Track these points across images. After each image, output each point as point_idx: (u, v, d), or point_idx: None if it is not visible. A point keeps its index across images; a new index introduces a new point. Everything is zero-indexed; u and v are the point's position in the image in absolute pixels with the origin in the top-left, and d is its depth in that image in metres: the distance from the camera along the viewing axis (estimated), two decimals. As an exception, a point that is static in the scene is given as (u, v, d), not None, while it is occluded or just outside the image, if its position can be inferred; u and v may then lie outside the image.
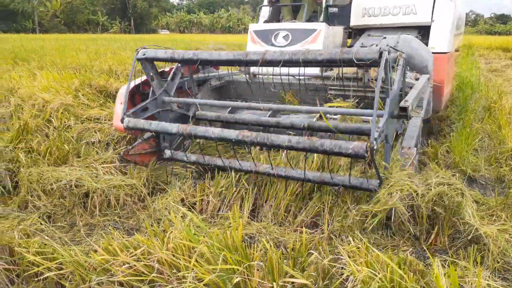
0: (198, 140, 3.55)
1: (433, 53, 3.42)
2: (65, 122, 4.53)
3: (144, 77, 3.36)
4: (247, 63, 2.72)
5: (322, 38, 3.79)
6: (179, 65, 3.46)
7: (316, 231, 2.57)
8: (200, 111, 3.66)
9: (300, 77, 3.41)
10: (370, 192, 2.50)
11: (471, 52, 16.51)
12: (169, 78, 3.40)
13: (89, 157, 3.57)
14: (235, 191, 2.90)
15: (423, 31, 4.06)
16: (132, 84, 3.24)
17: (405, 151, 2.39)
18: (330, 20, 4.70)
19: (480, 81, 7.82)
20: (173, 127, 2.82)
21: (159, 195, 3.16)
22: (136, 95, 3.38)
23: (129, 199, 3.10)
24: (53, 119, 4.54)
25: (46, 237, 2.48)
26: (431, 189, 2.41)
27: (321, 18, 4.71)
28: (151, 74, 3.22)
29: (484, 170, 3.50)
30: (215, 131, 2.64)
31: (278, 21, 4.80)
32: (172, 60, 3.02)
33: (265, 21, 4.85)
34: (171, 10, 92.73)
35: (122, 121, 3.00)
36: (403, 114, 2.38)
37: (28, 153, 3.72)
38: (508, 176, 3.34)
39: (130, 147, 3.25)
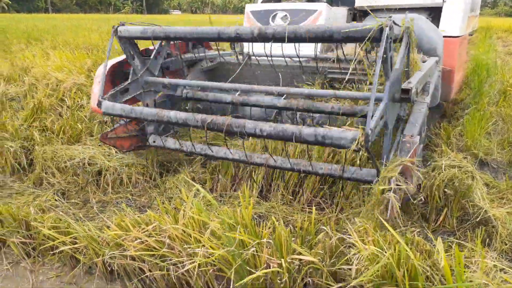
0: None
1: (444, 36, 3.21)
2: (78, 101, 4.58)
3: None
4: (222, 39, 2.45)
5: (324, 19, 3.61)
6: (165, 43, 3.22)
7: (325, 212, 2.59)
8: (188, 91, 3.44)
9: (297, 59, 3.23)
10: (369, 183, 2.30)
11: (489, 35, 16.08)
12: (152, 56, 3.14)
13: (102, 136, 3.62)
14: (245, 172, 2.92)
15: (434, 13, 3.86)
16: (111, 63, 3.01)
17: (407, 139, 2.09)
18: (334, 0, 4.51)
19: (497, 64, 7.65)
20: (150, 112, 2.55)
21: (170, 174, 3.21)
22: (117, 76, 3.10)
23: (141, 177, 3.16)
24: (66, 99, 4.59)
25: (60, 213, 2.55)
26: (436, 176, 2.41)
27: None
28: (131, 52, 2.97)
29: (496, 153, 3.46)
30: (183, 116, 2.41)
31: (279, 1, 4.41)
32: (150, 38, 2.73)
33: (263, 1, 4.60)
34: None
35: (99, 105, 2.72)
36: (405, 97, 2.10)
37: (42, 131, 3.79)
38: (521, 160, 3.30)
39: (110, 129, 3.04)
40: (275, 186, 2.82)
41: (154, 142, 3.17)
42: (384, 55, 1.94)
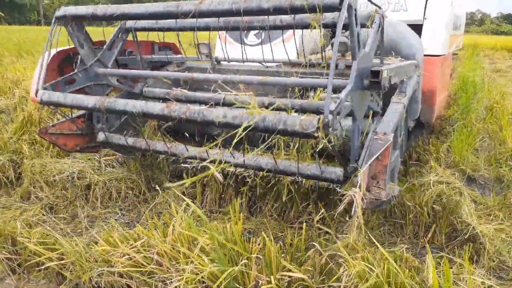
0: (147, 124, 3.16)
1: (424, 55, 3.01)
2: (69, 114, 4.54)
3: None
4: (177, 15, 2.15)
5: (299, 36, 3.44)
6: (121, 32, 2.96)
7: (314, 227, 2.59)
8: (148, 88, 3.15)
9: (268, 64, 3.06)
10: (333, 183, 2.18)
11: (476, 52, 16.44)
12: (105, 47, 2.87)
13: (92, 149, 3.60)
14: (233, 187, 2.92)
15: (414, 31, 3.88)
16: (61, 51, 2.76)
17: (379, 137, 1.87)
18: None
19: (484, 81, 7.81)
20: (90, 101, 2.28)
21: (159, 189, 3.19)
22: (66, 65, 2.84)
23: (130, 192, 3.14)
24: (57, 111, 4.55)
25: (48, 228, 2.52)
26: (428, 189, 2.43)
27: None
28: (79, 39, 2.65)
29: (483, 170, 3.51)
30: (137, 104, 2.13)
31: None
32: (95, 17, 2.40)
33: None
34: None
35: (36, 93, 2.43)
36: (374, 80, 1.83)
37: (31, 144, 3.76)
38: (507, 176, 3.35)
39: (51, 124, 2.76)
40: (265, 201, 2.82)
41: (103, 139, 2.89)
42: (347, 31, 1.70)
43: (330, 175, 2.16)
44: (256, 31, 3.55)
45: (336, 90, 2.15)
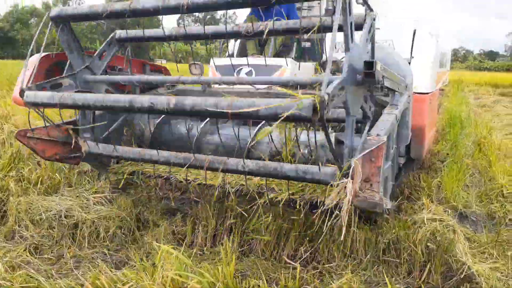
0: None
1: (413, 93, 3.00)
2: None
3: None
4: (167, 10, 2.11)
5: (289, 75, 3.48)
6: (112, 42, 2.93)
7: (308, 267, 2.54)
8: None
9: (258, 86, 3.04)
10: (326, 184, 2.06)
11: (461, 88, 16.88)
12: (95, 55, 2.83)
13: (81, 186, 3.54)
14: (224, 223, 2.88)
15: None
16: (50, 55, 2.71)
17: (373, 139, 1.82)
18: (302, 56, 4.41)
19: (470, 116, 7.98)
20: (79, 98, 2.09)
21: (149, 228, 3.12)
22: (54, 70, 2.78)
23: (119, 231, 3.06)
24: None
25: (32, 270, 2.43)
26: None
27: (293, 53, 4.39)
28: (69, 42, 2.61)
29: (475, 206, 3.51)
30: (126, 98, 1.97)
31: (246, 56, 4.15)
32: (87, 17, 2.36)
33: (229, 55, 4.52)
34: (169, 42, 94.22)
35: (21, 94, 2.29)
36: (368, 72, 1.76)
37: (18, 181, 3.68)
38: (499, 213, 3.35)
39: (32, 128, 2.67)
40: (257, 240, 2.76)
41: (89, 148, 2.78)
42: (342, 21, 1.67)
43: (322, 176, 2.05)
44: (248, 70, 3.58)
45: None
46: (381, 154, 1.75)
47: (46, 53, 2.69)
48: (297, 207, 2.33)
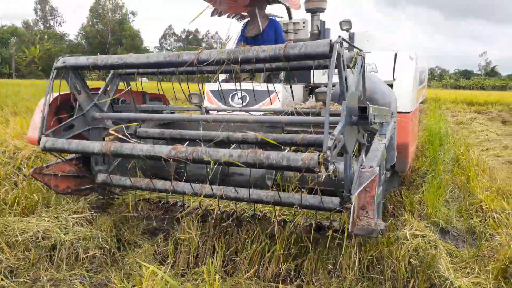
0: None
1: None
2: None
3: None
4: (179, 64, 2.34)
5: (281, 99, 3.74)
6: (114, 77, 3.17)
7: (291, 285, 2.51)
8: (141, 128, 3.33)
9: (256, 114, 3.25)
10: (331, 211, 2.39)
11: (438, 106, 17.33)
12: (100, 91, 3.03)
13: (59, 207, 3.44)
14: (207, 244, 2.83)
15: None
16: (56, 95, 2.86)
17: (367, 171, 2.05)
18: (291, 77, 4.55)
19: (448, 133, 8.17)
20: (95, 146, 2.41)
21: (130, 248, 3.05)
22: (62, 108, 2.96)
23: (99, 252, 2.98)
24: (23, 167, 4.41)
25: (6, 295, 2.33)
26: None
27: (282, 76, 4.56)
28: (77, 86, 2.80)
29: (455, 221, 3.56)
30: (144, 148, 2.27)
31: (238, 79, 4.27)
32: (95, 66, 2.57)
33: (222, 81, 4.65)
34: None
35: (38, 141, 2.60)
36: (363, 115, 2.02)
37: (-7, 202, 3.56)
38: (479, 228, 3.40)
39: (46, 165, 2.83)
40: (240, 259, 2.73)
41: (103, 180, 3.01)
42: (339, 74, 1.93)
43: (329, 204, 2.37)
44: (242, 95, 3.78)
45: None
46: (375, 185, 1.96)
47: (54, 95, 2.85)
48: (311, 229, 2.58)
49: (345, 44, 1.97)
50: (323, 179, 1.93)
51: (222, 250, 2.77)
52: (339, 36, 1.94)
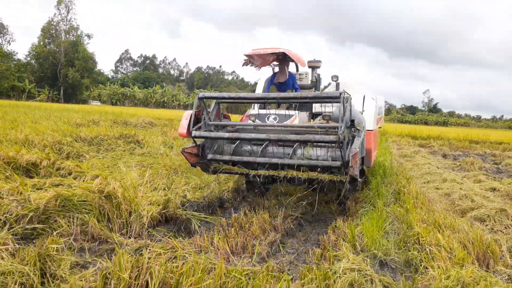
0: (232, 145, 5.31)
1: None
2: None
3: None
4: (266, 99, 4.58)
5: (297, 119, 5.76)
6: (215, 103, 5.17)
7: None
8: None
9: (286, 125, 5.18)
10: (338, 170, 4.28)
11: (385, 138, 18.12)
12: (210, 110, 5.08)
13: (-22, 238, 3.14)
14: (139, 279, 2.67)
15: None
16: (192, 111, 4.90)
17: (353, 150, 4.11)
18: (299, 108, 6.64)
19: (392, 166, 8.49)
20: (224, 135, 4.61)
21: (54, 283, 2.81)
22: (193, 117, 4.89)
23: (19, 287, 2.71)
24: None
25: None
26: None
27: (294, 106, 6.68)
28: (203, 108, 4.91)
29: (394, 253, 3.62)
30: (252, 135, 4.49)
31: (267, 106, 6.52)
32: (220, 99, 4.98)
33: (260, 108, 6.62)
34: (105, 83, 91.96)
35: (190, 133, 4.72)
36: (352, 123, 4.19)
37: None
38: (415, 260, 3.48)
39: (186, 147, 4.89)
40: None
41: (210, 157, 4.96)
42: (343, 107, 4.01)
43: (336, 163, 4.22)
44: (274, 116, 5.76)
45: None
46: (357, 156, 4.07)
47: (193, 111, 4.87)
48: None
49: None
50: (337, 146, 4.08)
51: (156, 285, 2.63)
52: (343, 91, 4.15)
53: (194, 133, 4.67)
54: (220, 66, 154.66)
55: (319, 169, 4.37)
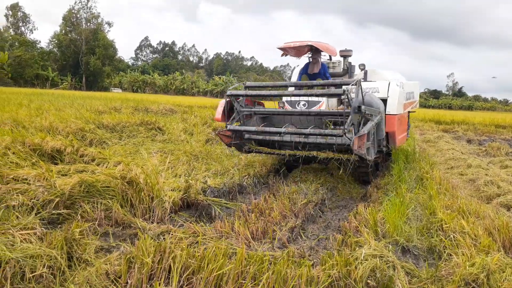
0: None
1: (387, 114, 5.93)
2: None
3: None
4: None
5: (324, 106, 6.49)
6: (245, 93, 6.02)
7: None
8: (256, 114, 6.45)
9: (303, 111, 6.01)
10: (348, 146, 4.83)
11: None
12: (239, 99, 6.07)
13: (7, 222, 3.25)
14: (162, 263, 2.72)
15: (384, 102, 6.26)
16: (225, 101, 6.05)
17: (361, 132, 4.60)
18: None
19: (415, 151, 8.33)
20: (252, 128, 5.69)
21: (81, 267, 2.89)
22: (228, 106, 6.04)
23: (47, 270, 2.81)
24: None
25: None
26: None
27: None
28: (235, 101, 5.94)
29: (416, 240, 3.57)
30: (272, 129, 5.55)
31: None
32: (244, 96, 5.95)
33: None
34: (125, 70, 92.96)
35: (227, 127, 5.85)
36: (359, 109, 4.66)
37: None
38: (438, 247, 3.42)
39: (220, 130, 5.99)
40: (197, 280, 2.63)
41: (248, 137, 6.03)
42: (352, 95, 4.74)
43: (346, 141, 4.75)
44: (304, 102, 6.48)
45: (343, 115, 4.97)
46: (364, 137, 4.55)
47: (225, 100, 6.04)
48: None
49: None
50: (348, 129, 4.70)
51: (178, 271, 2.67)
52: (347, 89, 4.71)
53: (229, 126, 5.83)
54: (239, 52, 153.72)
55: (334, 147, 5.23)
